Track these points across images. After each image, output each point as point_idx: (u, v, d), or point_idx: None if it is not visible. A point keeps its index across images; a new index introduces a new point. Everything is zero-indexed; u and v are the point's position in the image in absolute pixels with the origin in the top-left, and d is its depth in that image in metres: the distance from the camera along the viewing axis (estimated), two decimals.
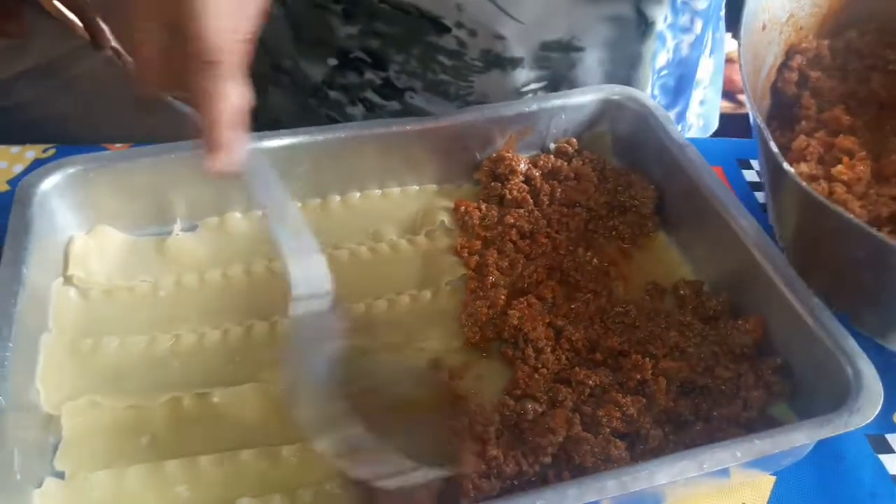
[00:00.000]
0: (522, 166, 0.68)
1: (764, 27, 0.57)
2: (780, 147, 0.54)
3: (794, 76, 0.60)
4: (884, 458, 0.54)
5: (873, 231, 0.44)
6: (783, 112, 0.61)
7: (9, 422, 0.45)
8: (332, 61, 0.71)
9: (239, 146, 0.45)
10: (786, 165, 0.48)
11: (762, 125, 0.50)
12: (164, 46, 0.41)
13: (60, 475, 0.48)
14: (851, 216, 0.45)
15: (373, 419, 0.45)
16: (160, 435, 0.50)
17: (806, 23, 0.61)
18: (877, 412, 0.46)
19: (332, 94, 0.73)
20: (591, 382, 0.52)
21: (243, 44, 0.43)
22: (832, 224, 0.47)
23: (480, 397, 0.52)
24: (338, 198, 0.67)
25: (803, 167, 0.53)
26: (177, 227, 0.62)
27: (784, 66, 0.61)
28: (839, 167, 0.52)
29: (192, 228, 0.63)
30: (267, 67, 0.75)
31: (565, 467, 0.46)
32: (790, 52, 0.61)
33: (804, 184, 0.47)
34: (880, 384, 0.47)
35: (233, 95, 0.42)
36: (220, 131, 0.43)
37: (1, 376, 0.46)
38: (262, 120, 0.79)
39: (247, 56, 0.43)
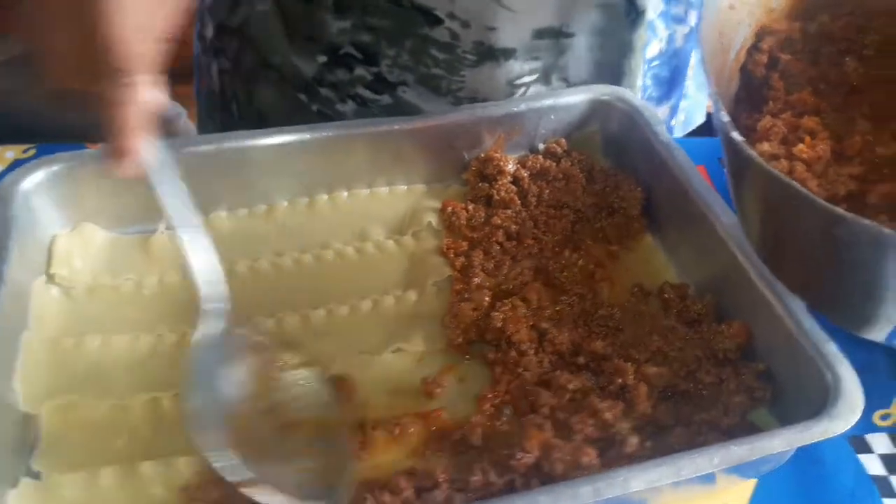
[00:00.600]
0: (510, 167, 0.68)
1: (732, 6, 0.56)
2: (747, 129, 0.53)
3: (764, 58, 0.59)
4: (864, 458, 0.54)
5: (823, 202, 0.42)
6: (752, 94, 0.60)
7: None
8: (322, 58, 0.71)
9: (142, 151, 0.44)
10: (734, 135, 0.46)
11: (716, 97, 0.48)
12: (73, 45, 0.41)
13: (37, 475, 0.48)
14: (801, 188, 0.43)
15: (273, 438, 0.45)
16: (138, 435, 0.50)
17: (777, 4, 0.60)
18: (857, 419, 0.45)
19: (323, 90, 0.73)
20: (571, 387, 0.51)
21: (157, 45, 0.42)
22: (789, 202, 0.45)
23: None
24: (325, 197, 0.67)
25: (765, 146, 0.52)
26: (161, 225, 0.62)
27: (754, 47, 0.60)
28: (800, 146, 0.51)
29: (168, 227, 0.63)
30: (255, 64, 0.75)
31: (534, 475, 0.46)
32: (760, 34, 0.60)
33: (752, 152, 0.44)
34: (860, 390, 0.47)
35: (139, 101, 0.42)
36: (123, 138, 0.43)
37: None
38: (250, 117, 0.79)
39: (163, 55, 0.43)
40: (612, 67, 0.75)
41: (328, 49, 0.71)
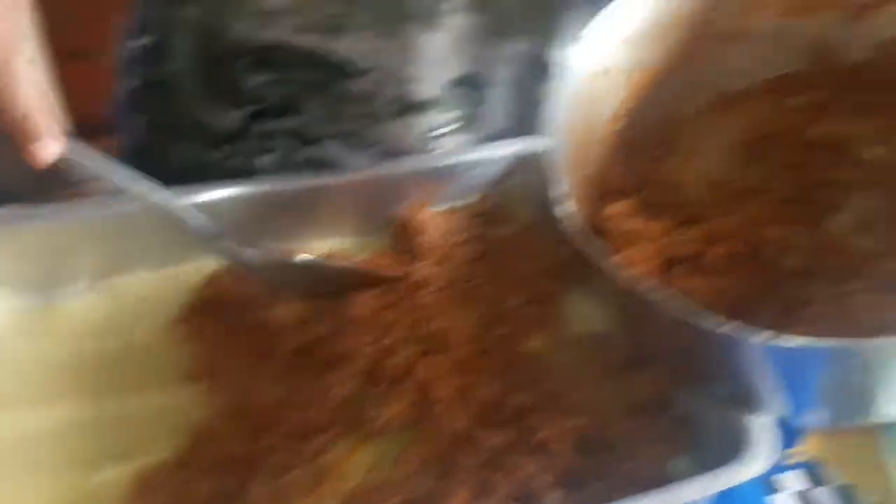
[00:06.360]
0: (435, 221, 0.68)
1: None
2: None
3: None
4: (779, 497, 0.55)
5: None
6: None
7: None
8: (239, 113, 0.72)
9: (56, 130, 0.46)
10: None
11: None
12: None
13: None
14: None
15: None
16: None
17: None
18: (769, 464, 0.45)
19: (244, 143, 0.73)
20: (488, 445, 0.51)
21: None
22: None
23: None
24: None
25: None
26: (70, 289, 0.60)
27: None
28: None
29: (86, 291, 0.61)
30: (174, 120, 0.75)
31: None
32: None
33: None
34: (773, 433, 0.47)
35: (31, 80, 0.43)
36: (35, 118, 0.44)
37: None
38: (168, 173, 0.78)
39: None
40: (529, 118, 0.76)
41: (248, 101, 0.72)
